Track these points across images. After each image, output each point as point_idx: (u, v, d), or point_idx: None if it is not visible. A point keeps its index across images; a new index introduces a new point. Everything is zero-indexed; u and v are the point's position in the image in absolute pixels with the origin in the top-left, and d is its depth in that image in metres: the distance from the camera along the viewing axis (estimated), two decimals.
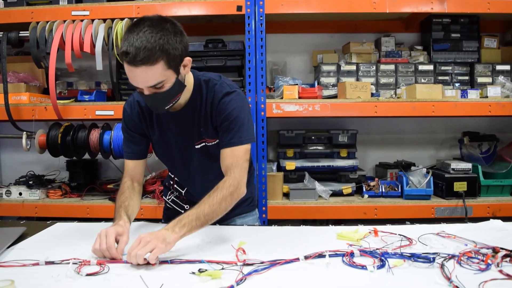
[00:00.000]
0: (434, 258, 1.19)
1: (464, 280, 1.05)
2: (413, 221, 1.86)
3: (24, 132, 2.71)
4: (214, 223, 1.69)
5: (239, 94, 1.60)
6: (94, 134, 2.67)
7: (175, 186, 1.84)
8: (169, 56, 1.36)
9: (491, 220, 1.67)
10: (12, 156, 3.35)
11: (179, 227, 1.32)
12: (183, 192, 1.82)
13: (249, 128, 1.57)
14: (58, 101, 2.61)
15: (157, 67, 1.34)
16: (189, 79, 1.59)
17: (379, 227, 1.54)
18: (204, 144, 1.63)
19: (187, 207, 1.80)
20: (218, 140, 1.61)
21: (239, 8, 2.60)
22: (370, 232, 1.50)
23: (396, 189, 2.71)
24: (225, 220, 1.82)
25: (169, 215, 1.83)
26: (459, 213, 2.56)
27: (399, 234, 1.46)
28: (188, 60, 1.47)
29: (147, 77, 1.34)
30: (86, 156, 2.82)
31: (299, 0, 2.63)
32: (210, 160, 1.65)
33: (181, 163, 1.71)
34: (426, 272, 1.14)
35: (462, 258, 1.20)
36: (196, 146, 1.64)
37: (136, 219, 2.30)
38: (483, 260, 1.18)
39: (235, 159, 1.52)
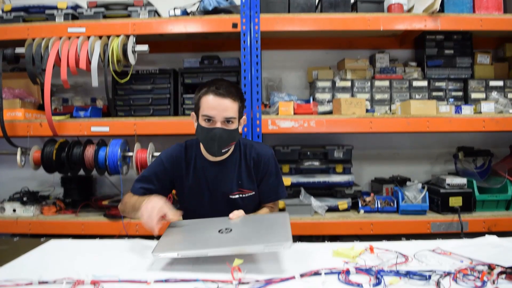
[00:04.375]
0: (430, 276, 1.19)
1: None
2: (409, 236, 1.86)
3: (19, 148, 2.70)
4: None
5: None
6: (89, 151, 2.66)
7: None
8: (241, 103, 1.73)
9: (486, 236, 1.68)
10: (6, 172, 3.33)
11: None
12: None
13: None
14: (53, 117, 2.60)
15: (235, 104, 1.68)
16: None
17: (375, 244, 1.54)
18: (238, 195, 1.82)
19: None
20: (254, 192, 1.84)
21: (234, 25, 2.62)
22: (366, 249, 1.50)
23: (391, 204, 2.71)
24: None
25: None
26: (455, 228, 2.56)
27: (394, 251, 1.46)
28: (244, 119, 1.81)
29: (227, 108, 1.65)
30: (81, 172, 2.80)
31: (294, 18, 2.66)
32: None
33: (208, 211, 1.80)
34: None
35: (458, 275, 1.20)
36: (231, 197, 1.82)
37: (131, 236, 2.29)
38: (479, 277, 1.18)
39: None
